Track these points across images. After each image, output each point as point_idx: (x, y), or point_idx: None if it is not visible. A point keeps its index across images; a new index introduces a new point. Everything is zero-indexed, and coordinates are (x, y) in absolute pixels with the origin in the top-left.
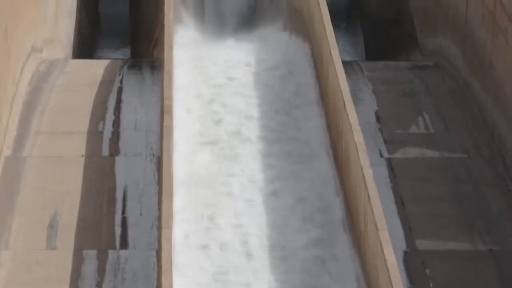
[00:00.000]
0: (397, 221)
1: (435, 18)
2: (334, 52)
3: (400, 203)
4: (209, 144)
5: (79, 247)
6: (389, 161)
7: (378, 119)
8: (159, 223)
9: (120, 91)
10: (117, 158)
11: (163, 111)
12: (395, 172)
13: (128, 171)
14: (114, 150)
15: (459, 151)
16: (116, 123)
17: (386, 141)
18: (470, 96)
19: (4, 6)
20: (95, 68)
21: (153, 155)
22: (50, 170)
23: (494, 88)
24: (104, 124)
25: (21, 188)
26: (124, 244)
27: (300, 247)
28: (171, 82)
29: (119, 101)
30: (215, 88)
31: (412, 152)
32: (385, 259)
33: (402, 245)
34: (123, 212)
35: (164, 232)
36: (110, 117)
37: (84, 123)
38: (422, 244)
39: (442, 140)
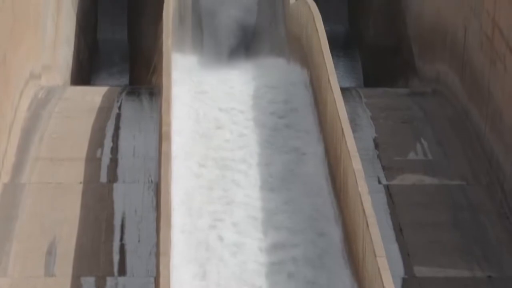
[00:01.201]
0: (395, 247)
1: (433, 45)
2: (333, 78)
3: (399, 230)
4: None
5: (78, 274)
6: (387, 188)
7: (376, 145)
8: (157, 250)
9: (118, 117)
10: (115, 185)
11: (161, 138)
12: (393, 198)
13: (126, 198)
14: (113, 176)
15: (457, 178)
16: (115, 149)
17: (384, 168)
18: (468, 123)
19: (3, 33)
20: (94, 95)
21: (151, 181)
22: (49, 197)
23: (492, 115)
24: (102, 150)
25: (20, 215)
26: (122, 271)
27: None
28: (169, 109)
29: (117, 128)
30: (216, 114)
31: (410, 179)
32: (383, 286)
33: (401, 272)
34: (121, 239)
35: (162, 259)
36: (108, 143)
37: (82, 150)
38: (421, 271)
39: (440, 167)
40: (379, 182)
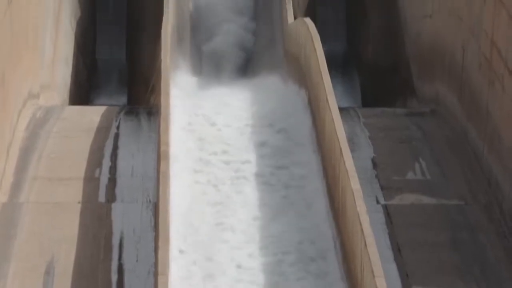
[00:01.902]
0: (393, 267)
1: (432, 65)
2: (331, 98)
3: (397, 250)
4: None
5: None
6: (385, 208)
7: (374, 165)
8: (156, 270)
9: (116, 137)
10: (113, 205)
11: (159, 157)
12: (391, 218)
13: (125, 217)
14: (111, 196)
15: (456, 198)
16: (113, 169)
17: (382, 188)
18: (467, 143)
19: (1, 52)
20: (92, 115)
21: (150, 201)
22: (47, 216)
23: (491, 135)
24: (100, 170)
25: (18, 234)
26: None
27: None
28: (167, 128)
29: (115, 148)
30: (210, 136)
31: (408, 198)
32: None
33: None
34: (120, 258)
35: (160, 279)
36: (106, 163)
37: (80, 169)
38: None
39: (439, 186)
40: (378, 202)
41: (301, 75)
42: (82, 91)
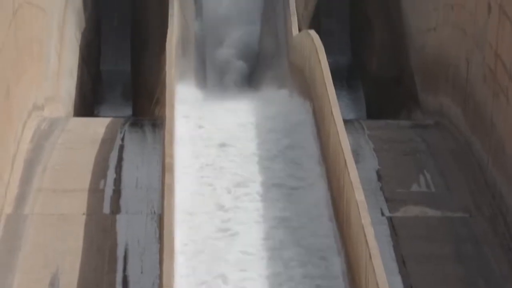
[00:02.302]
0: (398, 280)
1: (436, 77)
2: (335, 110)
3: (401, 262)
4: None
5: None
6: (390, 220)
7: (379, 177)
8: (160, 282)
9: (121, 149)
10: (118, 216)
11: (164, 169)
12: (396, 230)
13: (129, 229)
14: (115, 208)
15: (460, 210)
16: (118, 181)
17: (387, 200)
18: (471, 155)
19: (6, 65)
20: (97, 126)
21: (154, 212)
22: (51, 228)
23: (495, 147)
24: (105, 182)
25: (22, 246)
26: None
27: None
28: (172, 140)
29: (120, 159)
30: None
31: (413, 211)
32: None
33: None
34: (124, 270)
35: None
36: (111, 175)
37: (85, 181)
38: None
39: (443, 199)
40: (382, 214)
41: (305, 87)
42: (87, 103)
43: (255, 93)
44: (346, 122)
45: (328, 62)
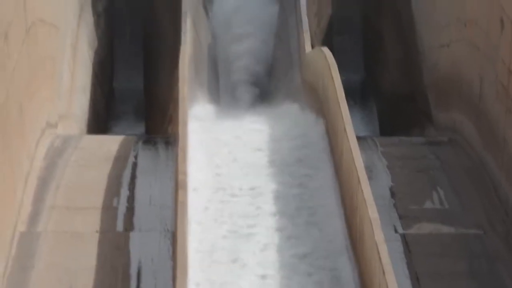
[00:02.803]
0: None
1: (449, 94)
2: (349, 127)
3: (415, 279)
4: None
5: None
6: (403, 237)
7: (392, 194)
8: None
9: (134, 166)
10: (131, 234)
11: (177, 186)
12: (410, 247)
13: (143, 247)
14: (129, 225)
15: (474, 227)
16: (131, 198)
17: (400, 217)
18: (484, 171)
19: (19, 83)
20: (110, 144)
21: (168, 230)
22: (65, 246)
23: (508, 163)
24: (118, 199)
25: (36, 264)
26: None
27: None
28: (185, 158)
29: (133, 177)
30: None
31: (427, 227)
32: None
33: None
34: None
35: None
36: (124, 192)
37: (98, 199)
38: None
39: (457, 216)
40: (396, 231)
41: (318, 104)
42: (100, 120)
43: (269, 110)
44: (359, 139)
45: (341, 79)
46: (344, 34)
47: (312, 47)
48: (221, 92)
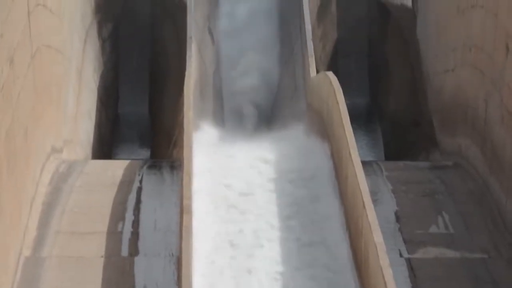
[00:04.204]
0: None
1: (454, 118)
2: (353, 152)
3: None
4: None
5: None
6: (409, 261)
7: (397, 219)
8: None
9: (139, 191)
10: (136, 259)
11: (182, 211)
12: (415, 272)
13: (148, 272)
14: (134, 250)
15: (479, 251)
16: (136, 223)
17: (406, 241)
18: (489, 196)
19: (24, 108)
20: (115, 169)
21: (173, 255)
22: (70, 271)
23: None
24: (123, 224)
25: None
26: None
27: None
28: (190, 182)
29: (138, 202)
30: (235, 190)
31: (432, 252)
32: None
33: None
34: None
35: None
36: (129, 217)
37: (103, 224)
38: None
39: (462, 240)
40: (401, 255)
41: (323, 128)
42: (105, 145)
43: (274, 134)
44: (364, 163)
45: (346, 103)
46: (349, 58)
47: (317, 71)
48: (226, 115)
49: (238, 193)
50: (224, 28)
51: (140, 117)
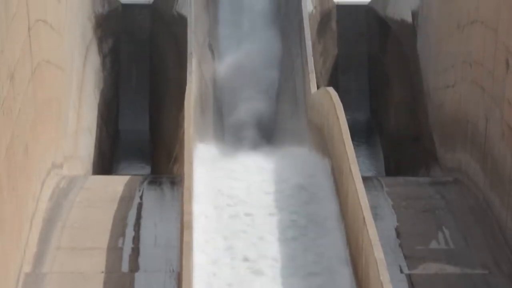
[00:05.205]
0: None
1: (455, 134)
2: (354, 167)
3: None
4: None
5: None
6: (409, 277)
7: (398, 234)
8: None
9: (140, 207)
10: (136, 274)
11: (183, 227)
12: (415, 287)
13: (148, 287)
14: (134, 266)
15: (479, 267)
16: (136, 239)
17: (406, 257)
18: (490, 212)
19: (25, 124)
20: (115, 184)
21: (173, 271)
22: (70, 286)
23: None
24: (124, 240)
25: None
26: None
27: None
28: (191, 198)
29: (139, 217)
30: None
31: (432, 268)
32: None
33: None
34: None
35: None
36: (130, 233)
37: (104, 239)
38: None
39: (462, 256)
40: (401, 271)
41: (324, 144)
42: (105, 161)
43: (274, 150)
44: (364, 179)
45: (347, 118)
46: (349, 74)
47: (318, 87)
48: (227, 131)
49: (238, 210)
50: (224, 46)
51: (140, 133)
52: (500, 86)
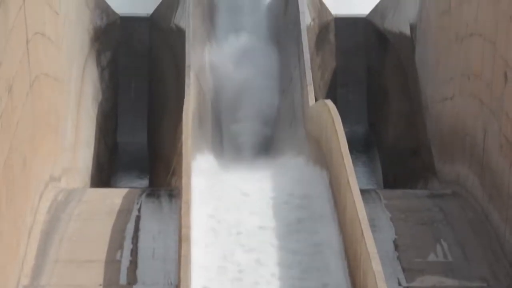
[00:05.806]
0: None
1: (453, 147)
2: (352, 180)
3: None
4: None
5: None
6: None
7: (396, 247)
8: None
9: (138, 219)
10: (134, 287)
11: (181, 240)
12: None
13: None
14: (132, 279)
15: (477, 280)
16: (134, 252)
17: (404, 270)
18: (488, 225)
19: (23, 137)
20: (113, 197)
21: (171, 283)
22: None
23: None
24: (122, 253)
25: None
26: None
27: None
28: (189, 211)
29: (137, 230)
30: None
31: (430, 280)
32: None
33: None
34: None
35: None
36: (128, 245)
37: (102, 252)
38: None
39: (460, 268)
40: (399, 284)
41: (322, 156)
42: (104, 174)
43: (272, 162)
44: (362, 191)
45: (345, 131)
46: (348, 87)
47: (316, 99)
48: (225, 143)
49: (234, 217)
50: (222, 57)
51: (138, 145)
52: (499, 99)
